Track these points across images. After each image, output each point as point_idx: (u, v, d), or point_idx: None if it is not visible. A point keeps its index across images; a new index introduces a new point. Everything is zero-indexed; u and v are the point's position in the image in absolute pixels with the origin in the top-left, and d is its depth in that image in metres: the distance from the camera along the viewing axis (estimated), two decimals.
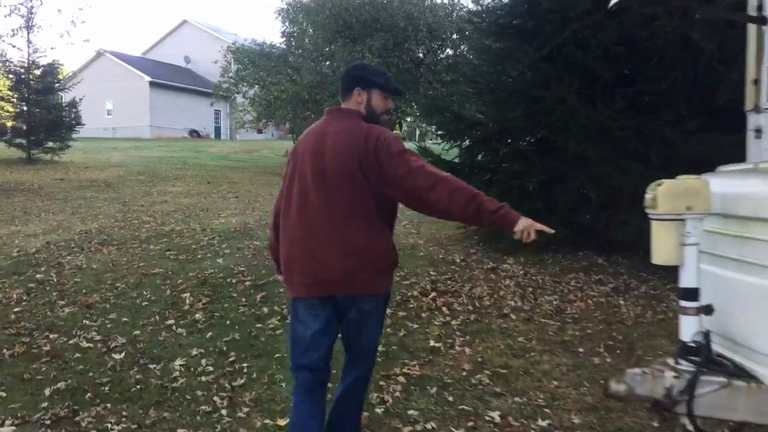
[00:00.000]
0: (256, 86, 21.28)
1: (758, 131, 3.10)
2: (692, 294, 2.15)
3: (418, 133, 51.82)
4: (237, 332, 4.92)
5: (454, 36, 20.27)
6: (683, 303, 2.18)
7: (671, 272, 6.48)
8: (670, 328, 5.04)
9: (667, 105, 6.08)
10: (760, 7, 3.08)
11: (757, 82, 3.12)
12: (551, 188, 7.10)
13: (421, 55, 20.91)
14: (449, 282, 6.39)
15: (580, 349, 4.62)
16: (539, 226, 2.43)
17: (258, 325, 5.09)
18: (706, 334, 2.14)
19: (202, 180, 16.87)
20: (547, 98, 6.55)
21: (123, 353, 4.46)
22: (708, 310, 2.15)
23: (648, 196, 2.22)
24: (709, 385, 2.05)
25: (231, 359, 4.38)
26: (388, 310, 5.40)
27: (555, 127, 6.59)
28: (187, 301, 5.65)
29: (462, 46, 20.55)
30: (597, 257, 7.23)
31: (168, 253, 7.60)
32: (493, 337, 4.90)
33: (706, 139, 5.84)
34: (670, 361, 2.21)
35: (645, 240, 6.30)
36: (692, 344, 2.14)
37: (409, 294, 6.01)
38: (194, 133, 38.87)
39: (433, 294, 5.96)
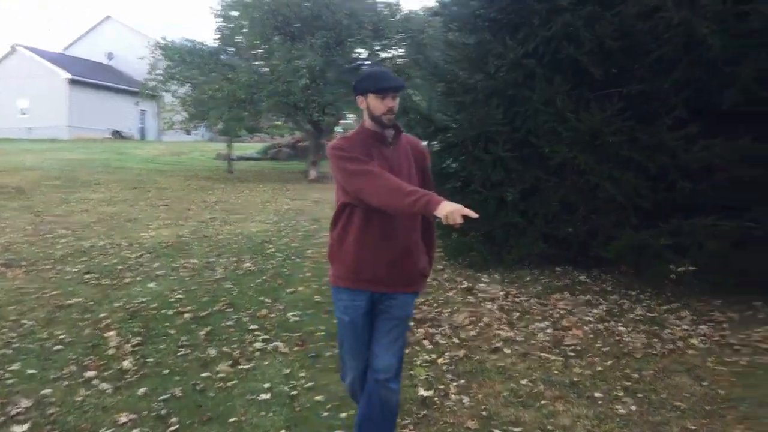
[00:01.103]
0: (187, 85, 19.86)
1: None
2: None
3: None
4: (178, 386, 3.93)
5: (399, 35, 19.51)
6: None
7: (663, 291, 5.94)
8: (685, 360, 4.44)
9: (667, 108, 5.49)
10: None
11: None
12: (530, 199, 6.43)
13: (365, 54, 20.08)
14: (424, 307, 5.58)
15: (596, 394, 3.90)
16: (466, 211, 2.40)
17: (204, 374, 4.12)
18: None
19: (126, 185, 15.45)
20: (532, 99, 5.86)
21: (27, 424, 3.40)
22: None
23: None
24: None
25: (172, 428, 3.40)
26: None
27: (541, 132, 5.90)
28: (112, 343, 4.59)
29: (404, 45, 19.88)
30: (578, 274, 6.61)
31: (88, 276, 6.45)
32: (492, 380, 4.12)
33: (711, 146, 5.28)
34: None
35: (633, 256, 5.68)
36: None
37: None
38: (117, 134, 36.50)
39: (410, 323, 5.13)
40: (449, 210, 2.40)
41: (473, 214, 2.40)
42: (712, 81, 5.47)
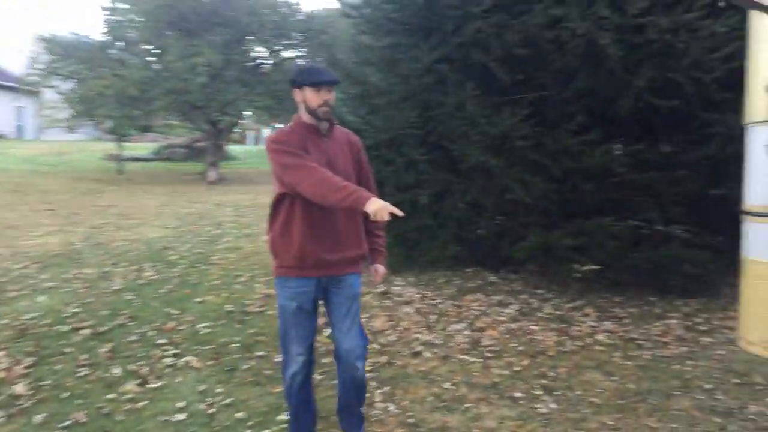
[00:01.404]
0: (73, 80, 18.54)
1: None
2: None
3: (254, 135, 50.08)
4: (81, 410, 3.60)
5: (301, 35, 19.24)
6: None
7: (567, 288, 6.19)
8: (595, 356, 4.64)
9: (570, 114, 5.72)
10: None
11: None
12: (442, 202, 6.50)
13: (266, 53, 19.63)
14: None
15: (516, 394, 3.98)
16: (392, 208, 2.55)
17: (110, 396, 3.81)
18: None
19: (5, 189, 14.17)
20: (445, 103, 5.91)
21: None
22: None
23: None
24: None
25: None
26: (279, 358, 4.44)
27: (454, 136, 5.97)
28: (1, 365, 4.14)
29: (306, 45, 19.64)
30: (488, 274, 6.78)
31: None
32: (416, 386, 4.10)
33: (611, 151, 5.56)
34: None
35: (541, 256, 5.89)
36: None
37: None
38: None
39: (327, 331, 5.02)
40: (377, 207, 2.57)
41: (399, 212, 2.56)
42: (611, 89, 5.76)
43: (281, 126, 6.58)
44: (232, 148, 30.49)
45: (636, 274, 6.08)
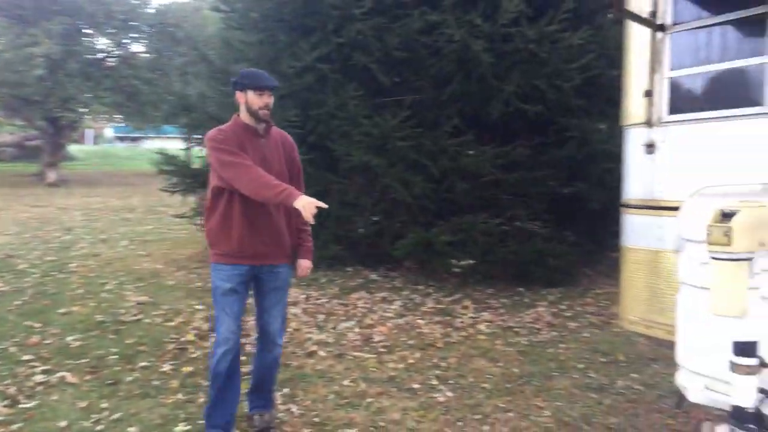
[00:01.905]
0: None
1: (650, 146, 2.95)
2: (751, 348, 1.75)
3: (94, 134, 46.25)
4: None
5: (153, 29, 18.18)
6: (739, 360, 1.76)
7: (446, 283, 6.47)
8: (479, 345, 4.90)
9: (446, 117, 6.00)
10: (653, 13, 2.94)
11: (649, 93, 2.96)
12: (322, 201, 6.49)
13: (113, 45, 18.29)
14: None
15: (414, 386, 4.09)
16: (318, 203, 2.78)
17: None
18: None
19: None
20: (326, 103, 5.92)
21: None
22: (763, 365, 1.78)
23: (716, 228, 1.72)
24: None
25: None
26: (166, 368, 4.21)
27: (335, 135, 6.00)
28: None
29: (158, 38, 18.60)
30: (369, 272, 6.88)
31: None
32: (315, 385, 4.07)
33: (485, 153, 5.91)
34: (723, 430, 1.78)
35: (420, 253, 6.11)
36: (750, 409, 1.75)
37: (184, 339, 4.78)
38: None
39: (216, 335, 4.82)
40: (305, 202, 2.80)
41: (324, 205, 2.81)
42: (483, 94, 6.13)
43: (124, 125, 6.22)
44: (71, 148, 28.06)
45: (506, 267, 6.51)
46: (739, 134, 2.58)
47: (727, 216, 1.72)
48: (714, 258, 1.75)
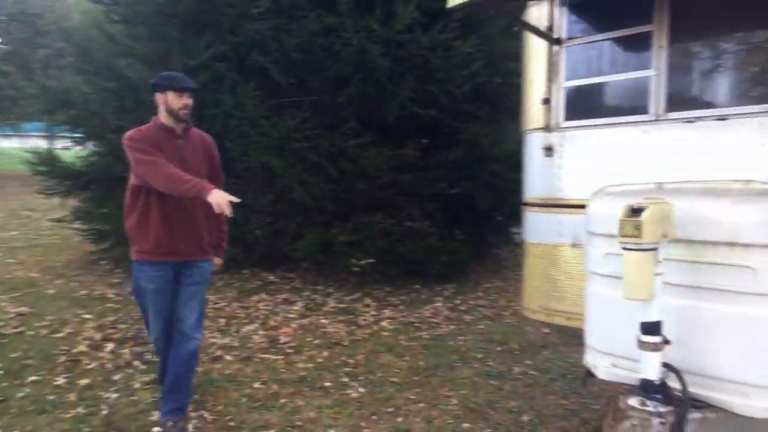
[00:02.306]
0: None
1: (549, 149, 3.22)
2: (655, 328, 1.98)
3: None
4: None
5: (6, 18, 16.65)
6: (646, 338, 1.99)
7: (345, 283, 6.56)
8: (384, 341, 5.04)
9: (344, 118, 6.08)
10: (550, 27, 3.21)
11: (547, 101, 3.22)
12: None
13: None
14: (120, 325, 5.04)
15: (326, 384, 4.14)
16: (231, 197, 2.93)
17: None
18: (668, 368, 2.02)
19: None
20: (224, 102, 5.80)
21: None
22: (665, 342, 2.02)
23: (628, 222, 1.93)
24: (690, 423, 1.93)
25: None
26: (60, 381, 3.97)
27: (232, 136, 5.88)
28: None
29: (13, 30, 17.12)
30: (266, 274, 6.80)
31: None
32: (225, 390, 4.00)
33: (383, 154, 6.06)
34: (634, 401, 2.01)
35: (320, 253, 6.18)
36: (656, 381, 1.99)
37: (75, 350, 4.50)
38: None
39: (111, 345, 4.59)
40: (218, 196, 2.93)
41: (236, 199, 2.97)
42: (379, 97, 6.28)
43: None
44: None
45: (403, 265, 6.71)
46: (629, 139, 2.89)
47: (636, 211, 1.95)
48: (625, 248, 1.98)
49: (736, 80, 2.67)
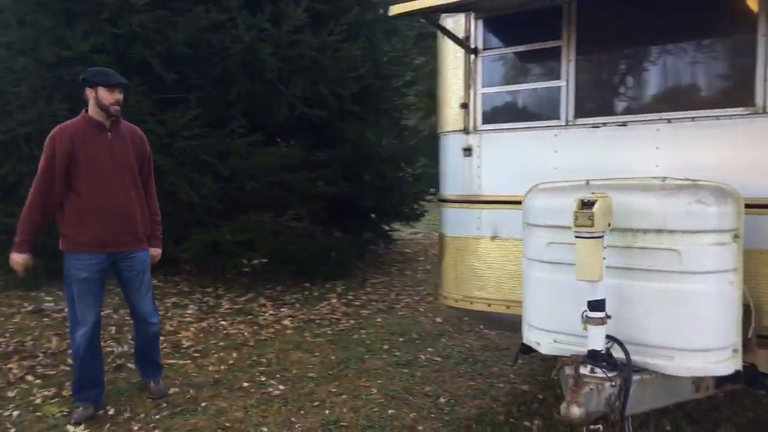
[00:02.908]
0: None
1: (467, 150, 3.51)
2: (601, 305, 2.30)
3: None
4: None
5: None
6: (593, 314, 2.30)
7: (234, 284, 6.46)
8: (290, 338, 5.09)
9: (232, 116, 5.99)
10: (467, 38, 3.49)
11: (465, 105, 3.51)
12: None
13: None
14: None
15: (244, 384, 4.11)
16: (19, 266, 3.39)
17: None
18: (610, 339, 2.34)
19: None
20: None
21: None
22: (608, 317, 2.34)
23: (582, 214, 2.22)
24: (633, 384, 2.27)
25: None
26: None
27: None
28: None
29: None
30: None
31: None
32: (139, 398, 3.82)
33: (274, 154, 6.06)
34: (584, 370, 2.31)
35: (208, 254, 6.12)
36: (602, 351, 2.31)
37: None
38: None
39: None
40: (11, 258, 3.40)
41: (21, 269, 3.42)
42: (269, 96, 6.27)
43: None
44: None
45: (292, 264, 6.75)
46: (542, 142, 3.24)
47: (587, 204, 2.26)
48: (578, 236, 2.28)
49: (634, 91, 3.12)
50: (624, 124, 3.04)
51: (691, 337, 2.31)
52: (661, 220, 2.29)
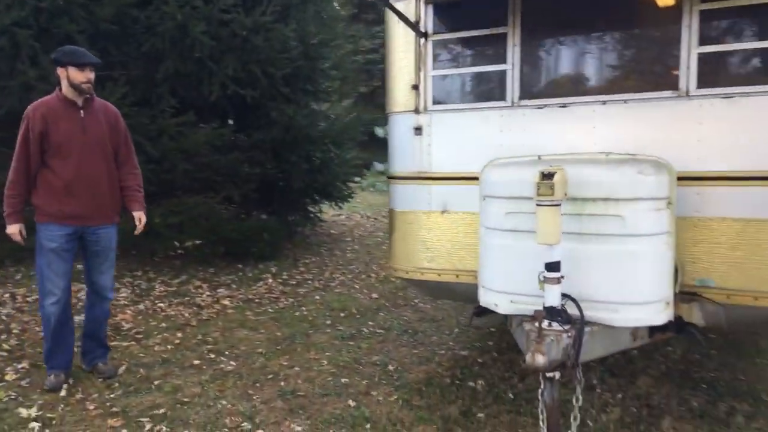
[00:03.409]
0: None
1: (418, 129, 3.70)
2: (557, 266, 2.56)
3: None
4: None
5: None
6: (550, 275, 2.56)
7: (164, 266, 6.36)
8: (233, 318, 5.13)
9: (160, 95, 5.85)
10: (417, 22, 3.66)
11: (416, 87, 3.69)
12: None
13: None
14: None
15: (195, 362, 4.13)
16: (18, 237, 3.51)
17: None
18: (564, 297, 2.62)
19: None
20: (25, 73, 5.17)
21: None
22: (562, 277, 2.61)
23: (543, 184, 2.45)
24: (585, 335, 2.55)
25: None
26: None
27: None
28: None
29: None
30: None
31: None
32: (89, 380, 3.76)
33: (207, 135, 6.00)
34: (544, 324, 2.56)
35: (140, 236, 6.05)
36: (558, 307, 2.58)
37: None
38: None
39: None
40: (9, 231, 3.50)
41: (20, 239, 3.53)
42: (199, 75, 6.17)
43: None
44: None
45: (224, 245, 6.71)
46: (490, 122, 3.48)
47: (547, 176, 2.50)
48: (540, 205, 2.53)
49: (574, 75, 3.42)
50: (564, 105, 3.33)
51: (633, 292, 2.64)
52: (609, 190, 2.59)
